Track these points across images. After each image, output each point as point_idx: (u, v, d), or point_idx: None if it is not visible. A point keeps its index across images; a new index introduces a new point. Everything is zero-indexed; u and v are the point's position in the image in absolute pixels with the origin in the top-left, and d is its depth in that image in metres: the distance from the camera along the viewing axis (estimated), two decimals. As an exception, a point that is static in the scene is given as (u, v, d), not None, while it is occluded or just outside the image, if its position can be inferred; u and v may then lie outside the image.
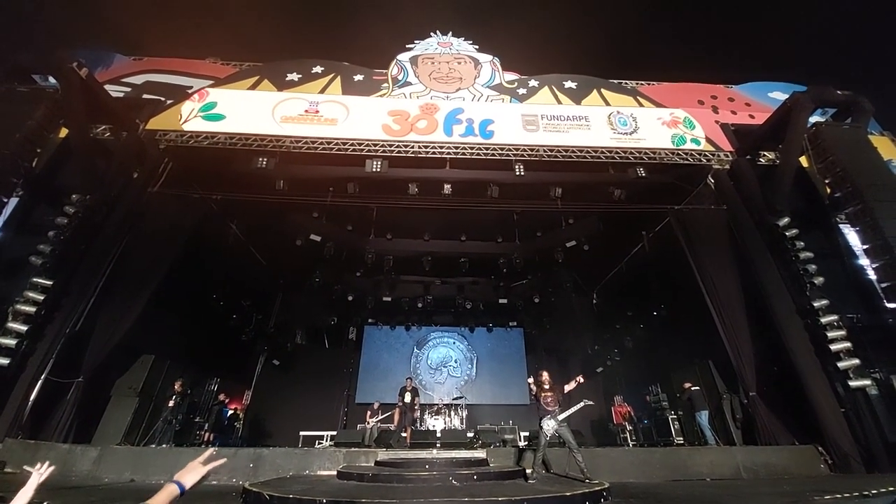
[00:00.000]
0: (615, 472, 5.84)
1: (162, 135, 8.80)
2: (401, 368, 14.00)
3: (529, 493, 4.20)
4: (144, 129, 8.86)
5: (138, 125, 8.87)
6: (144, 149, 8.70)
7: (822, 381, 6.63)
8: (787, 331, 7.02)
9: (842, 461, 6.07)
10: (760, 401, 6.91)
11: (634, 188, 9.54)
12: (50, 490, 4.27)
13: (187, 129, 8.92)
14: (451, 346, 15.54)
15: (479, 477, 5.26)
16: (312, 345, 14.33)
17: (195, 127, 8.99)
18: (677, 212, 9.34)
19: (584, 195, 9.75)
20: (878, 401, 6.31)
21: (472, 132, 9.47)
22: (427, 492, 4.40)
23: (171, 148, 8.81)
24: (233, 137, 8.88)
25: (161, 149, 8.76)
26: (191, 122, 9.06)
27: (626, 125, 9.86)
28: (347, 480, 5.50)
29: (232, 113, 9.23)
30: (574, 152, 9.30)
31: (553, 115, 9.94)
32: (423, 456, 6.61)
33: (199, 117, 9.14)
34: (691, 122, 10.02)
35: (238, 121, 9.12)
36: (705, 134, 9.84)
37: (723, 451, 6.72)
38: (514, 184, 9.39)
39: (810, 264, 7.35)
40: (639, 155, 9.36)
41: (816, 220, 8.60)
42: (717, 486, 5.42)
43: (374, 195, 9.85)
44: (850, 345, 6.62)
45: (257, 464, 6.21)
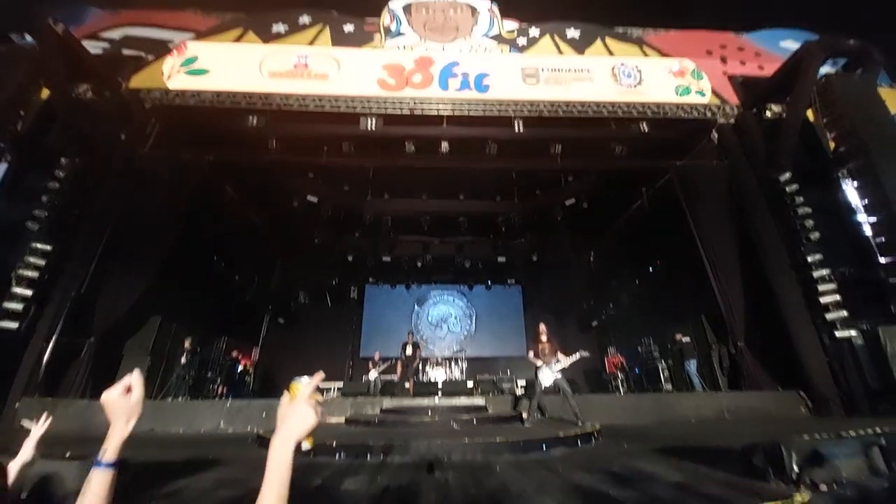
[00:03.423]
0: (607, 416, 6.22)
1: (146, 93, 8.44)
2: (402, 325, 14.40)
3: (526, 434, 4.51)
4: (127, 88, 8.49)
5: (120, 84, 8.49)
6: (129, 109, 8.38)
7: (809, 332, 6.88)
8: (779, 284, 7.20)
9: (822, 406, 6.43)
10: (747, 350, 7.22)
11: (636, 144, 9.34)
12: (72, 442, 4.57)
13: (172, 87, 8.54)
14: (451, 304, 15.96)
15: (478, 421, 5.62)
16: (315, 304, 14.66)
17: (180, 84, 8.60)
18: (678, 168, 9.22)
19: (584, 152, 9.57)
20: (863, 350, 6.57)
21: (467, 86, 9.09)
22: (430, 434, 4.72)
23: (157, 107, 8.48)
24: (220, 95, 8.53)
25: (147, 108, 8.44)
26: (174, 79, 8.66)
27: (631, 77, 9.46)
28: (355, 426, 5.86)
29: (216, 68, 8.79)
30: (575, 107, 8.99)
31: (554, 68, 9.50)
32: (425, 403, 7.02)
33: (182, 73, 8.72)
34: (699, 74, 9.62)
35: (224, 76, 8.71)
36: (712, 86, 9.47)
37: (708, 396, 7.13)
38: (513, 141, 9.18)
39: (808, 219, 7.39)
40: (642, 109, 9.06)
41: (818, 175, 8.51)
42: (701, 427, 5.82)
43: (370, 154, 9.65)
44: (839, 297, 6.83)
45: (269, 413, 6.60)
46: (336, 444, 4.18)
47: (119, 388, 0.94)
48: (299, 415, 0.82)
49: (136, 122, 8.36)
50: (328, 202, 11.71)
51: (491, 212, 12.39)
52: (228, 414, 6.70)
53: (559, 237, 13.54)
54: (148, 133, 8.48)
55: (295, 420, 0.81)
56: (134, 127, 8.32)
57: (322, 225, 12.58)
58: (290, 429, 0.80)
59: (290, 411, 0.83)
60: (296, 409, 0.83)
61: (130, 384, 0.96)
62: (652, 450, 3.80)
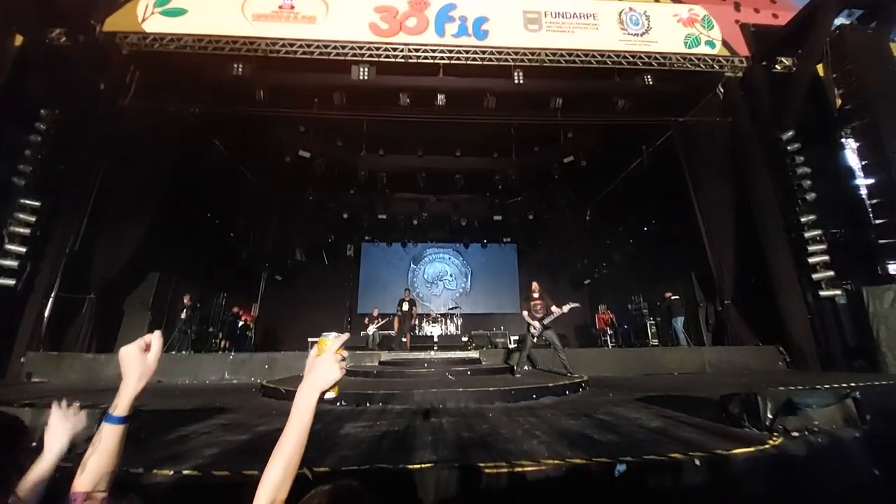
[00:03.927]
0: (595, 369, 6.56)
1: (122, 38, 7.89)
2: (399, 282, 14.66)
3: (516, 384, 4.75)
4: (102, 32, 7.91)
5: (94, 27, 7.90)
6: (106, 55, 7.88)
7: (795, 291, 7.11)
8: (770, 244, 7.32)
9: (800, 361, 6.78)
10: (734, 308, 7.47)
11: (639, 98, 9.02)
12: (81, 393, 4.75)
13: (149, 31, 7.97)
14: (447, 262, 16.15)
15: (472, 372, 5.89)
16: (312, 261, 14.73)
17: (156, 27, 8.02)
18: (680, 125, 8.98)
19: (585, 106, 9.25)
20: (845, 309, 6.80)
21: (465, 31, 8.55)
22: (426, 384, 4.95)
23: (135, 54, 7.97)
24: (201, 40, 7.99)
25: (124, 54, 7.93)
26: (150, 21, 8.06)
27: (638, 24, 8.92)
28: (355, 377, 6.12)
29: (193, 7, 8.15)
30: (578, 56, 8.54)
31: (558, 13, 8.90)
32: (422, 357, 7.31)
33: (158, 14, 8.10)
34: (710, 22, 9.08)
35: (203, 19, 8.11)
36: (722, 36, 8.98)
37: (692, 351, 7.47)
38: (512, 93, 8.81)
39: (806, 180, 7.36)
40: (648, 60, 8.64)
41: (821, 133, 8.33)
42: (683, 379, 6.16)
43: (363, 106, 9.29)
44: (827, 258, 6.97)
45: (272, 365, 6.86)
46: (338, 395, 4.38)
47: (137, 344, 0.95)
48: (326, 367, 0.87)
49: (115, 70, 7.91)
50: (321, 157, 11.41)
51: (488, 169, 12.18)
52: (232, 366, 6.95)
53: (556, 195, 13.46)
54: (128, 82, 8.04)
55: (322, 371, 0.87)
56: (113, 75, 7.88)
57: (316, 181, 12.34)
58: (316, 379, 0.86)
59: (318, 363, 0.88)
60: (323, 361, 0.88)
61: (149, 342, 0.96)
62: (635, 399, 4.04)
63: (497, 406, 4.12)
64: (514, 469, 2.23)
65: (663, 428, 2.88)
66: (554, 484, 2.28)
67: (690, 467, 2.20)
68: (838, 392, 2.82)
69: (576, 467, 2.26)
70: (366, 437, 3.01)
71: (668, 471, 2.23)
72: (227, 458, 2.44)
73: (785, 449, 2.38)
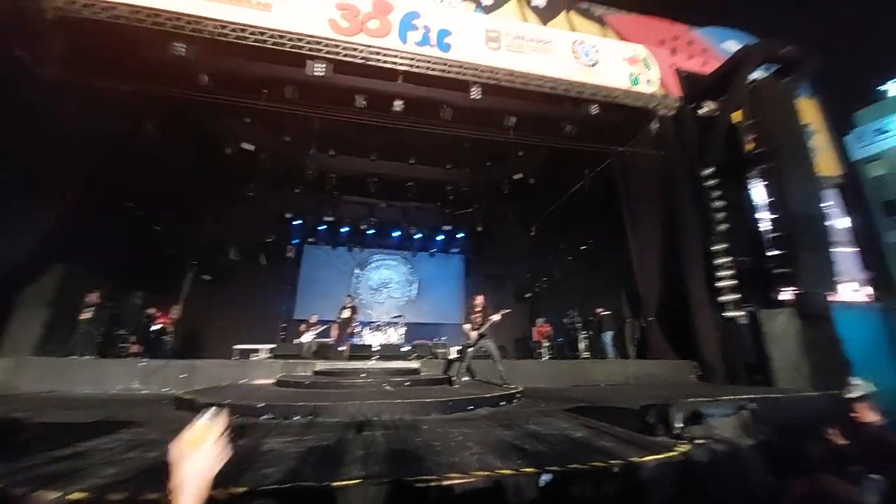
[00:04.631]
0: (530, 380, 6.77)
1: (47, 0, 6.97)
2: (341, 288, 14.15)
3: (453, 394, 4.75)
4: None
5: (12, -17, 6.89)
6: (26, 17, 6.87)
7: (707, 311, 7.88)
8: (688, 268, 8.09)
9: (709, 374, 7.51)
10: (656, 325, 8.13)
11: (585, 125, 9.63)
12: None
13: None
14: (393, 268, 15.95)
15: (411, 383, 5.80)
16: (247, 261, 13.79)
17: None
18: (620, 154, 9.72)
19: (536, 127, 9.69)
20: (746, 329, 7.66)
21: (428, 42, 8.64)
22: (362, 395, 4.79)
23: (62, 20, 7.03)
24: (138, 11, 7.25)
25: (48, 19, 6.98)
26: (79, -18, 7.20)
27: (589, 57, 9.57)
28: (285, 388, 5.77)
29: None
30: (534, 80, 8.96)
31: (517, 35, 9.30)
32: (360, 366, 7.07)
33: (89, -26, 7.27)
34: (649, 63, 9.97)
35: (142, -13, 7.41)
36: (660, 77, 9.92)
37: (618, 364, 8.00)
38: (468, 108, 9.01)
39: (720, 212, 8.27)
40: (595, 91, 9.28)
41: (735, 172, 9.42)
42: (609, 390, 6.57)
43: (316, 104, 8.96)
44: (735, 283, 7.84)
45: (191, 374, 6.26)
46: (263, 406, 4.11)
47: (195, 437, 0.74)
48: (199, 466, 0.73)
49: (35, 36, 6.91)
50: (266, 152, 10.82)
51: (440, 179, 12.31)
52: (143, 374, 6.24)
53: (505, 210, 13.89)
54: (51, 51, 7.06)
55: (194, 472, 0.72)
56: (33, 41, 6.87)
57: (259, 177, 11.66)
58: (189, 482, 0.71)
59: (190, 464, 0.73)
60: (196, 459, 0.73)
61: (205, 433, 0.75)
62: (564, 409, 4.21)
63: (433, 418, 4.08)
64: (443, 482, 2.21)
65: (587, 438, 3.02)
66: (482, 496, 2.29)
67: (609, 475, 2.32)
68: (737, 404, 3.15)
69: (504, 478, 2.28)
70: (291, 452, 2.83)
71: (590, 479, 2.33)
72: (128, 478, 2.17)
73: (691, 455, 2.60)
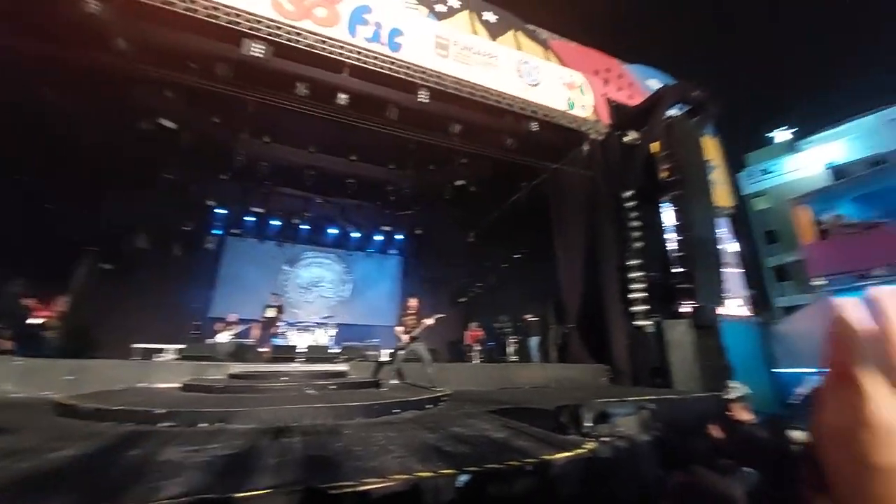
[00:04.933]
0: (459, 383, 6.89)
1: None
2: (267, 284, 13.18)
3: (380, 398, 4.65)
4: None
5: None
6: None
7: (620, 320, 8.65)
8: (605, 280, 8.85)
9: (619, 377, 8.25)
10: (575, 331, 8.75)
11: (524, 140, 10.12)
12: None
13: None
14: (326, 267, 15.29)
15: (336, 387, 5.58)
16: (158, 251, 12.34)
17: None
18: (554, 170, 10.35)
19: (479, 137, 9.96)
20: (652, 337, 8.52)
21: (378, 39, 8.49)
22: (281, 400, 4.49)
23: None
24: (37, -47, 6.23)
25: None
26: None
27: (532, 77, 10.08)
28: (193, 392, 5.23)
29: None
30: (479, 91, 9.23)
31: (466, 46, 9.51)
32: (281, 369, 6.64)
33: None
34: (585, 90, 10.79)
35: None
36: (593, 104, 10.77)
37: (541, 367, 8.48)
38: (415, 110, 9.01)
39: (636, 231, 9.16)
40: (535, 110, 9.80)
41: (650, 196, 10.53)
42: (531, 392, 6.92)
43: (253, 86, 8.35)
44: (645, 295, 8.71)
45: (80, 376, 5.42)
46: (164, 412, 3.67)
47: None
48: None
49: None
50: (190, 132, 9.82)
51: (382, 178, 12.10)
52: (19, 375, 5.29)
53: (445, 214, 14.04)
54: None
55: None
56: None
57: (178, 158, 10.53)
58: None
59: None
60: None
61: None
62: (488, 411, 4.33)
63: (357, 422, 3.95)
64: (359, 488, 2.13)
65: (506, 438, 3.13)
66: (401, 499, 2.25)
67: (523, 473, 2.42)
68: (639, 404, 3.49)
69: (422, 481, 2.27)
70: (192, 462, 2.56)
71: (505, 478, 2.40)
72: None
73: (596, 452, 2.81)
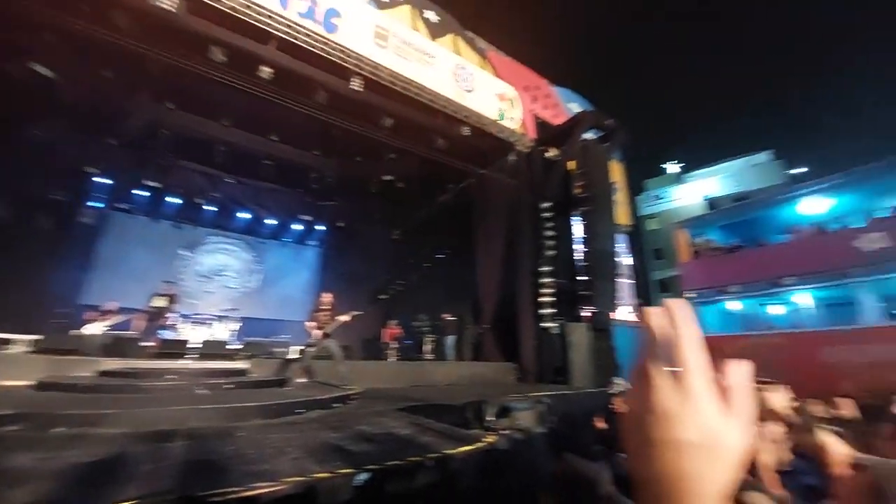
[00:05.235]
0: (374, 381, 6.75)
1: None
2: (159, 270, 11.56)
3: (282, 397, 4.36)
4: None
5: None
6: None
7: (530, 322, 9.27)
8: (519, 284, 9.44)
9: (526, 375, 8.82)
10: (490, 331, 9.19)
11: (455, 143, 10.32)
12: None
13: None
14: (233, 254, 13.92)
15: (234, 386, 5.11)
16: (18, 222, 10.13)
17: None
18: (480, 175, 10.73)
19: (411, 134, 9.92)
20: (557, 338, 9.25)
21: (312, 16, 7.97)
22: (164, 400, 3.98)
23: None
24: None
25: None
26: None
27: (467, 83, 10.30)
28: (50, 391, 4.40)
29: None
30: (415, 88, 9.18)
31: (405, 40, 9.39)
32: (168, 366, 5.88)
33: None
34: (515, 103, 11.36)
35: None
36: (522, 118, 11.38)
37: (455, 365, 8.75)
38: (346, 97, 8.64)
39: (550, 240, 9.91)
40: (468, 115, 10.05)
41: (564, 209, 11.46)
42: (443, 389, 7.07)
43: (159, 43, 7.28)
44: (553, 300, 9.45)
45: None
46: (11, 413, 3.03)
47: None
48: None
49: None
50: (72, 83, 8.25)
51: (305, 164, 11.41)
52: None
53: (370, 209, 13.73)
54: None
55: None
56: None
57: (55, 113, 8.79)
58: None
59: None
60: None
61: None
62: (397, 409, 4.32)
63: (253, 424, 3.65)
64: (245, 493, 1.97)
65: (412, 435, 3.15)
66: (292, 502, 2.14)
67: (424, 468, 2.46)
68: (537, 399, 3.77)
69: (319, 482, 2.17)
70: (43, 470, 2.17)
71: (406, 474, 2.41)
72: None
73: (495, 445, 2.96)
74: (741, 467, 0.36)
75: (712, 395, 0.37)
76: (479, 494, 2.75)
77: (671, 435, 0.35)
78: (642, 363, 0.39)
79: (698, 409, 0.36)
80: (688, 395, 0.36)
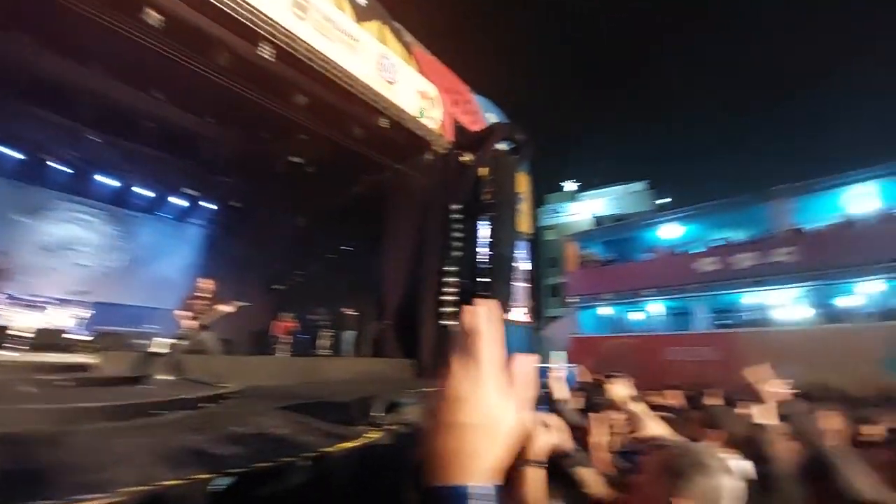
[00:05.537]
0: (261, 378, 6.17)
1: None
2: (-20, 236, 9.16)
3: (134, 396, 3.76)
4: None
5: None
6: None
7: (431, 320, 9.50)
8: (424, 282, 9.60)
9: (424, 371, 8.98)
10: (391, 328, 9.18)
11: (371, 134, 10.05)
12: None
13: None
14: (89, 226, 11.57)
15: (75, 383, 4.25)
16: None
17: None
18: (395, 170, 10.65)
19: (327, 116, 9.39)
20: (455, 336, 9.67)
21: (220, -32, 7.04)
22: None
23: None
24: None
25: None
26: None
27: (390, 74, 10.08)
28: None
29: None
30: (333, 69, 8.68)
31: (327, 17, 8.81)
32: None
33: None
34: (436, 104, 11.48)
35: None
36: (441, 119, 11.56)
37: (351, 361, 8.55)
38: (254, 64, 7.80)
39: (457, 241, 10.28)
40: (388, 107, 9.85)
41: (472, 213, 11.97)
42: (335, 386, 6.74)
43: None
44: (455, 299, 9.81)
45: None
46: None
47: None
48: None
49: None
50: None
51: (196, 131, 9.99)
52: None
53: (272, 191, 12.64)
54: None
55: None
56: None
57: None
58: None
59: None
60: None
61: None
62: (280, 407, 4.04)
63: (95, 427, 3.08)
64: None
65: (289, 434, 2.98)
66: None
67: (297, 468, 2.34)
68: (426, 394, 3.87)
69: (166, 490, 1.92)
70: None
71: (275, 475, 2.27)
72: None
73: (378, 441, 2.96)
74: (515, 443, 0.42)
75: (498, 382, 0.43)
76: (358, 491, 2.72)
77: (458, 418, 0.40)
78: (452, 357, 0.44)
79: (483, 395, 0.42)
80: (477, 383, 0.42)
